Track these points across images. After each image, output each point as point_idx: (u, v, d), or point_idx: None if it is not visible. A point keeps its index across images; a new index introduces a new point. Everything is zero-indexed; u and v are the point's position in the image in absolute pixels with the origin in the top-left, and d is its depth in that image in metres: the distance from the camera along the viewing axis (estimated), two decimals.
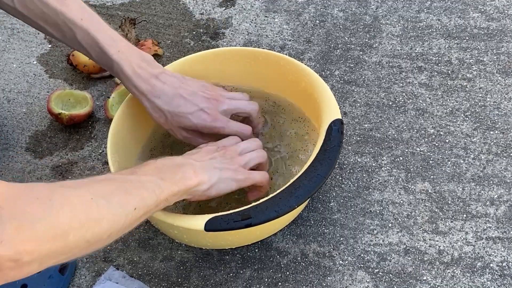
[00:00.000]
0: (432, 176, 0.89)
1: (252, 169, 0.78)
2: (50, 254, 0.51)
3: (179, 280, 0.82)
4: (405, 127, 0.95)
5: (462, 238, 0.82)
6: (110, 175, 0.65)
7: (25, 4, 0.77)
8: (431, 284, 0.78)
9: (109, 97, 1.01)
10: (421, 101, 0.99)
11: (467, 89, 1.00)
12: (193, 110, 0.80)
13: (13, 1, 0.77)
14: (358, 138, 0.95)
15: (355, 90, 1.02)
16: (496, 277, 0.78)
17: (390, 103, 0.99)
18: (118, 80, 1.04)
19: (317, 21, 1.15)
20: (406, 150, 0.92)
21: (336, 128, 0.77)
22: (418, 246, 0.81)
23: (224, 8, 1.21)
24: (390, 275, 0.79)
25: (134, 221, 0.61)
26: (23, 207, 0.49)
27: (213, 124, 0.80)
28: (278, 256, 0.82)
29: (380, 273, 0.79)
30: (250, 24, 1.16)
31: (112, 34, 0.79)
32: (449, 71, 1.03)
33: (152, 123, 0.91)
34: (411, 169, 0.90)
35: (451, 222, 0.83)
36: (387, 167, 0.90)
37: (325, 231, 0.84)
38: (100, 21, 0.79)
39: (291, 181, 0.72)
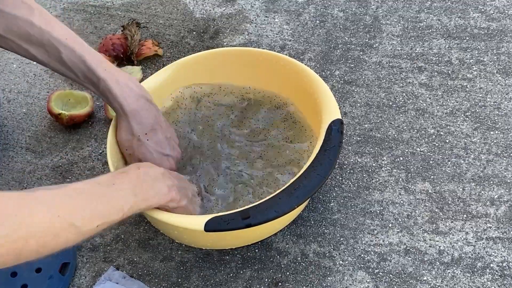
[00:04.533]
0: (432, 176, 0.89)
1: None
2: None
3: (179, 280, 0.81)
4: (405, 127, 0.95)
5: (462, 238, 0.82)
6: (87, 184, 0.65)
7: (7, 26, 0.75)
8: (431, 284, 0.78)
9: None
10: (421, 101, 0.99)
11: (467, 89, 1.00)
12: (161, 154, 0.82)
13: None
14: (358, 138, 0.95)
15: (355, 90, 1.02)
16: (497, 277, 0.78)
17: (390, 103, 0.99)
18: None
19: (317, 21, 1.15)
20: (406, 150, 0.92)
21: (336, 128, 0.77)
22: (418, 246, 0.81)
23: (224, 8, 1.21)
24: (390, 275, 0.79)
25: (92, 234, 0.63)
26: None
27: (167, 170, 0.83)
28: (278, 256, 0.82)
29: (380, 273, 0.79)
30: (250, 24, 1.16)
31: (96, 53, 0.79)
32: (449, 71, 1.02)
33: None
34: (411, 169, 0.90)
35: (451, 222, 0.83)
36: (387, 167, 0.90)
37: (325, 231, 0.84)
38: (83, 41, 0.79)
39: (291, 181, 0.72)
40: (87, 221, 0.60)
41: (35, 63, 1.14)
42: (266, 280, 0.80)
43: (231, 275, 0.81)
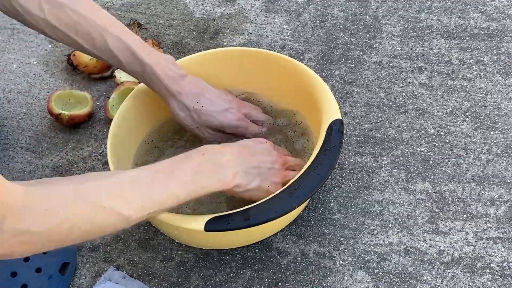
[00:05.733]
0: (432, 176, 0.89)
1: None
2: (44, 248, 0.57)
3: (179, 280, 0.81)
4: (405, 127, 0.95)
5: (462, 238, 0.82)
6: (144, 171, 0.65)
7: (57, 15, 0.76)
8: (431, 284, 0.78)
9: (109, 97, 1.01)
10: (421, 101, 0.99)
11: (467, 89, 1.00)
12: (220, 110, 0.83)
13: (44, 12, 0.76)
14: (358, 138, 0.95)
15: (355, 90, 1.02)
16: (497, 277, 0.78)
17: (390, 103, 0.99)
18: (119, 81, 1.04)
19: (317, 21, 1.15)
20: (406, 150, 0.92)
21: (336, 128, 0.77)
22: (418, 246, 0.81)
23: (224, 8, 1.21)
24: (390, 275, 0.79)
25: (143, 220, 0.64)
26: (28, 220, 0.53)
27: (238, 123, 0.85)
28: (278, 256, 0.82)
29: (380, 273, 0.79)
30: (250, 24, 1.16)
31: (138, 38, 0.81)
32: (449, 71, 1.03)
33: (152, 123, 0.92)
34: (411, 169, 0.90)
35: (451, 222, 0.83)
36: (387, 167, 0.90)
37: (325, 231, 0.84)
38: (124, 26, 0.81)
39: (291, 181, 0.72)
40: (137, 210, 0.61)
41: (35, 63, 1.15)
42: (266, 280, 0.80)
43: (231, 275, 0.81)
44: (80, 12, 0.77)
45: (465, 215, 0.84)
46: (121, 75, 1.06)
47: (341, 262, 0.81)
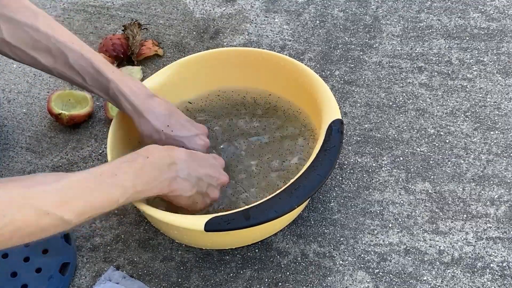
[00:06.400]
0: (432, 176, 0.89)
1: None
2: None
3: (179, 280, 0.82)
4: (405, 127, 0.95)
5: (463, 238, 0.82)
6: (88, 174, 0.66)
7: (15, 34, 0.75)
8: (431, 284, 0.78)
9: None
10: (421, 101, 0.99)
11: (467, 89, 1.00)
12: (190, 135, 0.82)
13: (1, 31, 0.75)
14: (358, 138, 0.95)
15: (355, 90, 1.02)
16: (497, 277, 0.78)
17: (390, 103, 0.99)
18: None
19: (317, 21, 1.15)
20: (406, 150, 0.92)
21: (336, 128, 0.77)
22: (418, 246, 0.81)
23: (224, 8, 1.21)
24: (391, 275, 0.79)
25: (81, 224, 0.64)
26: None
27: (203, 150, 0.83)
28: (278, 256, 0.82)
29: (381, 273, 0.79)
30: (250, 24, 1.16)
31: (101, 57, 0.80)
32: (449, 71, 1.03)
33: None
34: (411, 169, 0.90)
35: (452, 222, 0.83)
36: (387, 167, 0.90)
37: (325, 231, 0.84)
38: (87, 45, 0.79)
39: (291, 181, 0.72)
40: (78, 215, 0.62)
41: None
42: (266, 280, 0.80)
43: (231, 275, 0.81)
44: (40, 29, 0.75)
45: (465, 215, 0.84)
46: None
47: (341, 262, 0.81)
